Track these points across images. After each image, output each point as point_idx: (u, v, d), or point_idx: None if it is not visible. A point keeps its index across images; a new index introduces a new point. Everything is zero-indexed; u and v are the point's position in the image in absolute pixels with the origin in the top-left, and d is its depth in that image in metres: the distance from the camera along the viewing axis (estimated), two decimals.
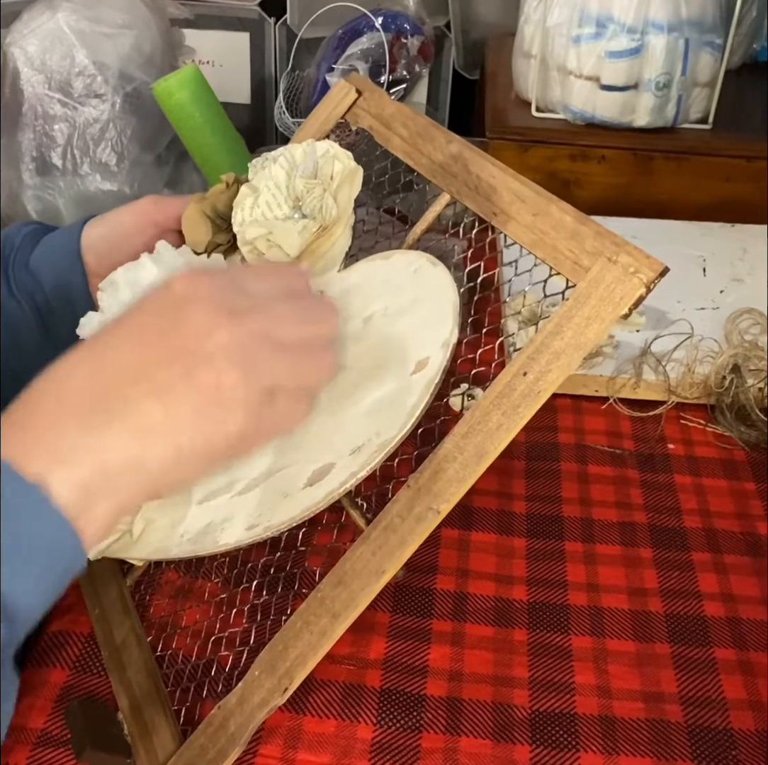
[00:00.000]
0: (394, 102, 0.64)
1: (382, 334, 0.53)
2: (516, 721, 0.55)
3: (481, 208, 0.55)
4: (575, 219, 0.51)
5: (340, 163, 0.59)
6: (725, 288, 0.96)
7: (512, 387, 0.50)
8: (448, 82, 1.80)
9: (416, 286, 0.53)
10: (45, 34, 1.36)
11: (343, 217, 0.60)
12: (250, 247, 0.60)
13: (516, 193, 0.54)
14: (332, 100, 0.68)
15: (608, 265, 0.48)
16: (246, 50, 1.77)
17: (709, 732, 0.55)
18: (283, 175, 0.60)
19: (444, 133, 0.60)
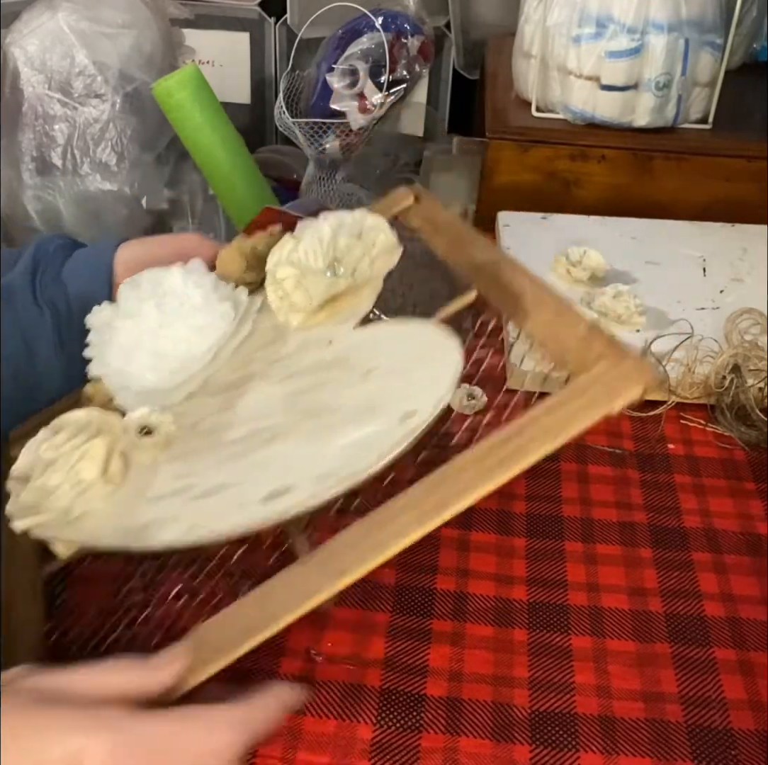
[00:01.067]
0: (446, 211, 0.66)
1: (380, 384, 0.53)
2: (516, 721, 0.55)
3: (501, 304, 0.58)
4: (591, 324, 0.52)
5: (384, 235, 0.61)
6: (725, 288, 0.96)
7: (490, 452, 0.49)
8: (448, 82, 1.80)
9: (425, 351, 0.54)
10: (45, 34, 1.36)
11: (372, 282, 0.61)
12: (277, 286, 0.61)
13: (545, 299, 0.56)
14: (391, 201, 0.70)
15: (610, 368, 0.49)
16: (246, 50, 1.77)
17: (709, 732, 0.55)
18: (329, 231, 0.61)
19: (494, 247, 0.63)
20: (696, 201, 1.20)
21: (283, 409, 0.55)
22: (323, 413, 0.53)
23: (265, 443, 0.53)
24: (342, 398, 0.53)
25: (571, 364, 0.52)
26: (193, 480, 0.53)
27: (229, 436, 0.55)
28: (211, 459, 0.54)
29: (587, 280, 0.94)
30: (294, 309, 0.61)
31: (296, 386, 0.56)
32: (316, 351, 0.58)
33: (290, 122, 1.50)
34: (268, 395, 0.57)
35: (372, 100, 1.48)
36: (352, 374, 0.54)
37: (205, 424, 0.58)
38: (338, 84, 1.49)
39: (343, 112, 1.50)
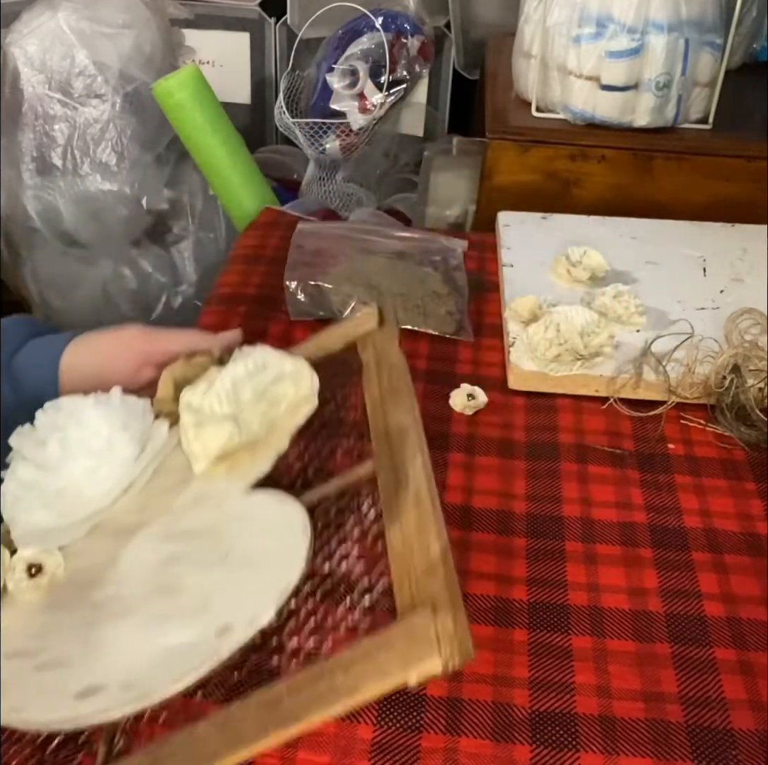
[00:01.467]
0: (399, 353, 0.64)
1: (227, 574, 0.52)
2: (516, 721, 0.55)
3: (386, 492, 0.54)
4: (441, 554, 0.48)
5: (294, 390, 0.59)
6: (725, 288, 0.96)
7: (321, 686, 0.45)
8: (448, 82, 1.80)
9: (280, 544, 0.52)
10: (45, 34, 1.36)
11: (272, 444, 0.59)
12: (183, 430, 0.60)
13: (418, 496, 0.52)
14: (358, 321, 0.69)
15: (427, 622, 0.43)
16: (246, 50, 1.78)
17: (709, 732, 0.55)
18: (242, 375, 0.61)
19: (413, 411, 0.58)
20: (696, 201, 1.20)
21: (149, 576, 0.54)
22: (173, 593, 0.52)
23: (113, 618, 0.52)
24: (195, 577, 0.53)
25: (404, 595, 0.47)
26: (44, 643, 0.53)
27: (95, 595, 0.55)
28: (68, 621, 0.54)
29: (587, 280, 0.94)
30: (195, 457, 0.60)
31: (171, 551, 0.55)
32: (204, 510, 0.58)
33: (290, 122, 1.50)
34: (144, 555, 0.56)
35: (372, 100, 1.48)
36: (215, 551, 0.54)
37: (86, 573, 0.57)
38: (338, 84, 1.49)
39: (343, 112, 1.50)
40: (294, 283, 0.92)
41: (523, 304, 0.89)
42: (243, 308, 0.94)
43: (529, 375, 0.82)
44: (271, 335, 0.90)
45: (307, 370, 0.61)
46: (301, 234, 1.02)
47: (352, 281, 0.92)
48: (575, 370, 0.81)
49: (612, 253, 0.98)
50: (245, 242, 1.09)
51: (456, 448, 0.77)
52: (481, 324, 0.93)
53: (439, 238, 1.05)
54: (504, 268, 0.99)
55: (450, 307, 0.92)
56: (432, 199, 1.39)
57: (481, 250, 1.07)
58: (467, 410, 0.81)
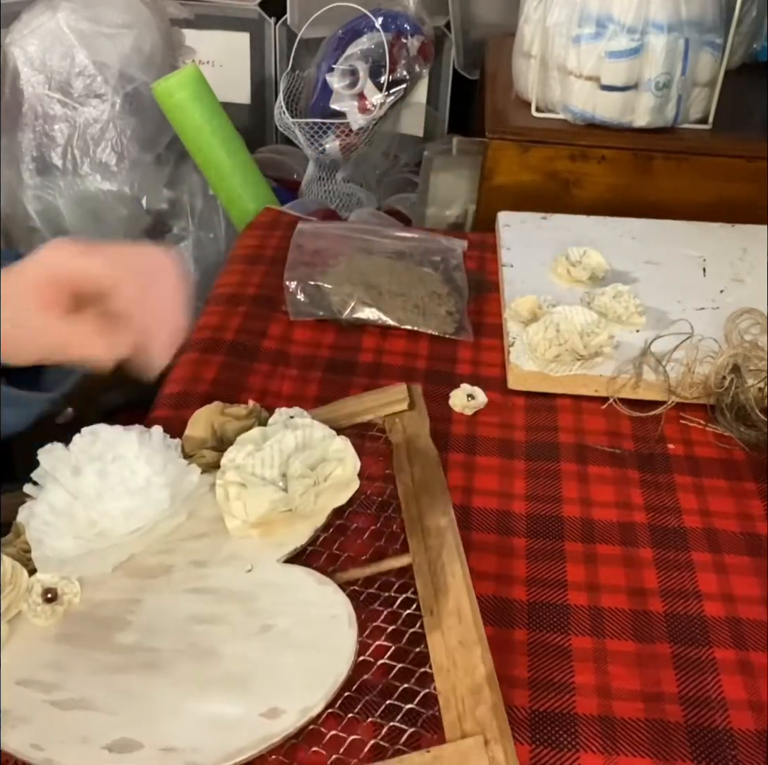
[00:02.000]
0: (430, 440, 0.64)
1: (269, 651, 0.52)
2: (516, 721, 0.55)
3: (424, 594, 0.54)
4: (487, 677, 0.49)
5: (341, 470, 0.59)
6: (725, 288, 0.96)
7: None
8: (448, 82, 1.80)
9: (325, 629, 0.52)
10: (45, 34, 1.36)
11: (313, 518, 0.59)
12: (223, 485, 0.60)
13: (460, 609, 0.53)
14: (386, 396, 0.68)
15: (480, 750, 0.46)
16: (246, 50, 1.78)
17: (709, 732, 0.55)
18: (291, 447, 0.61)
19: (448, 511, 0.60)
20: (696, 201, 1.20)
21: (176, 631, 0.54)
22: (207, 658, 0.52)
23: (142, 669, 0.52)
24: (231, 646, 0.52)
25: (451, 712, 0.49)
26: (60, 678, 0.52)
27: (117, 638, 0.54)
28: (88, 661, 0.53)
29: (587, 280, 0.94)
30: (232, 515, 0.60)
31: (200, 609, 0.55)
32: (234, 572, 0.57)
33: (290, 122, 1.50)
34: (169, 607, 0.56)
35: (372, 100, 1.48)
36: (251, 621, 0.53)
37: (107, 609, 0.57)
38: (338, 84, 1.49)
39: (343, 112, 1.50)
40: (294, 283, 0.92)
41: (523, 304, 0.89)
42: (243, 308, 0.94)
43: (529, 375, 0.82)
44: (271, 335, 0.90)
45: (351, 452, 0.61)
46: (300, 234, 1.02)
47: (352, 281, 0.92)
48: (575, 370, 0.81)
49: (612, 253, 0.98)
50: (245, 242, 1.09)
51: (456, 448, 0.77)
52: (481, 324, 0.93)
53: (439, 238, 1.05)
54: (504, 268, 0.99)
55: (450, 307, 0.92)
56: (432, 199, 1.39)
57: (481, 250, 1.07)
58: (467, 410, 0.81)
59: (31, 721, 0.50)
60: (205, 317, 0.93)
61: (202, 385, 0.82)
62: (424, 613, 0.52)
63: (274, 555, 0.58)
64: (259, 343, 0.89)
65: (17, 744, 0.49)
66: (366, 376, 0.85)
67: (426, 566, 0.55)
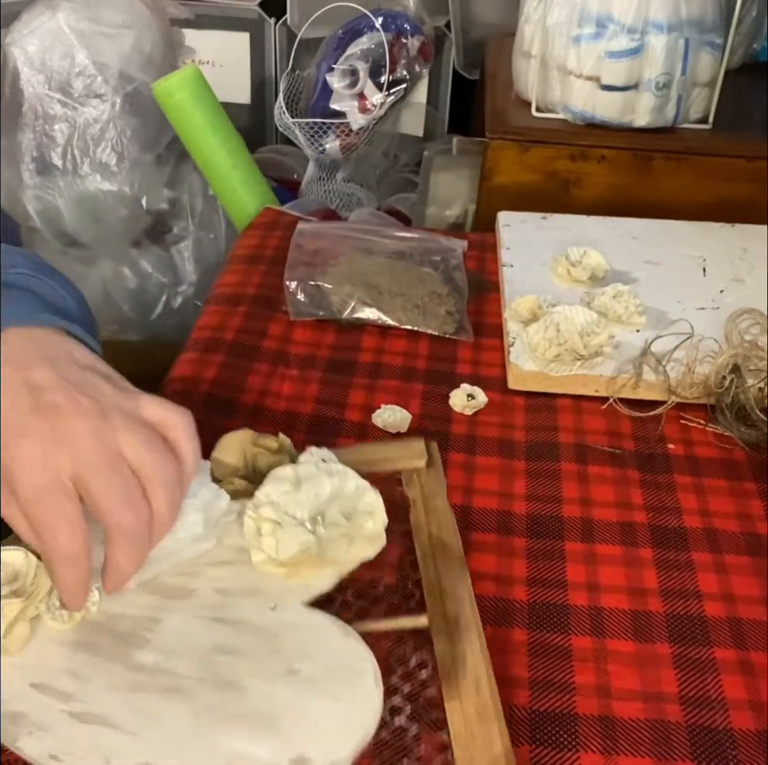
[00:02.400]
0: (446, 501, 0.63)
1: (296, 694, 0.51)
2: (516, 721, 0.55)
3: (443, 659, 0.54)
4: (505, 753, 0.49)
5: (372, 524, 0.59)
6: (725, 288, 0.96)
7: None
8: (448, 82, 1.80)
9: (352, 678, 0.52)
10: (45, 34, 1.36)
11: (341, 566, 0.59)
12: (255, 518, 0.59)
13: (478, 680, 0.52)
14: (405, 449, 0.68)
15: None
16: (246, 50, 1.78)
17: (709, 732, 0.55)
18: (327, 493, 0.60)
19: (465, 579, 0.59)
20: (696, 201, 1.20)
21: (198, 657, 0.54)
22: (230, 690, 0.51)
23: (163, 693, 0.52)
24: (256, 683, 0.52)
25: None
26: (78, 688, 0.52)
27: (136, 656, 0.54)
28: (107, 675, 0.53)
29: (587, 280, 0.94)
30: (259, 549, 0.59)
31: (221, 639, 0.55)
32: (258, 606, 0.57)
33: (290, 122, 1.50)
34: (191, 631, 0.55)
35: (372, 100, 1.48)
36: (276, 661, 0.53)
37: (125, 623, 0.56)
38: (338, 84, 1.49)
39: (343, 112, 1.50)
40: (294, 283, 0.92)
41: (523, 304, 0.89)
42: (243, 308, 0.94)
43: (529, 375, 0.82)
44: (271, 335, 0.90)
45: (382, 506, 0.60)
46: (300, 234, 1.02)
47: (352, 281, 0.92)
48: (575, 370, 0.81)
49: (612, 253, 0.98)
50: (245, 242, 1.09)
51: (456, 448, 0.77)
52: (481, 324, 0.93)
53: (439, 238, 1.05)
54: (504, 268, 0.99)
55: (450, 307, 0.92)
56: (432, 199, 1.39)
57: (481, 250, 1.07)
58: (467, 410, 0.81)
59: (49, 730, 0.50)
60: (205, 317, 0.93)
61: (202, 384, 0.82)
62: (442, 679, 0.53)
63: (298, 596, 0.57)
64: (259, 343, 0.89)
65: (34, 752, 0.48)
66: (366, 376, 0.85)
67: (444, 631, 0.56)
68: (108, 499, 0.49)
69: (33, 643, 0.54)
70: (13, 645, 0.54)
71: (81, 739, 0.49)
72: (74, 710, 0.51)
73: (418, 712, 0.53)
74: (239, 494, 0.62)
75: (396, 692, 0.53)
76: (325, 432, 0.78)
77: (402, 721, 0.53)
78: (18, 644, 0.54)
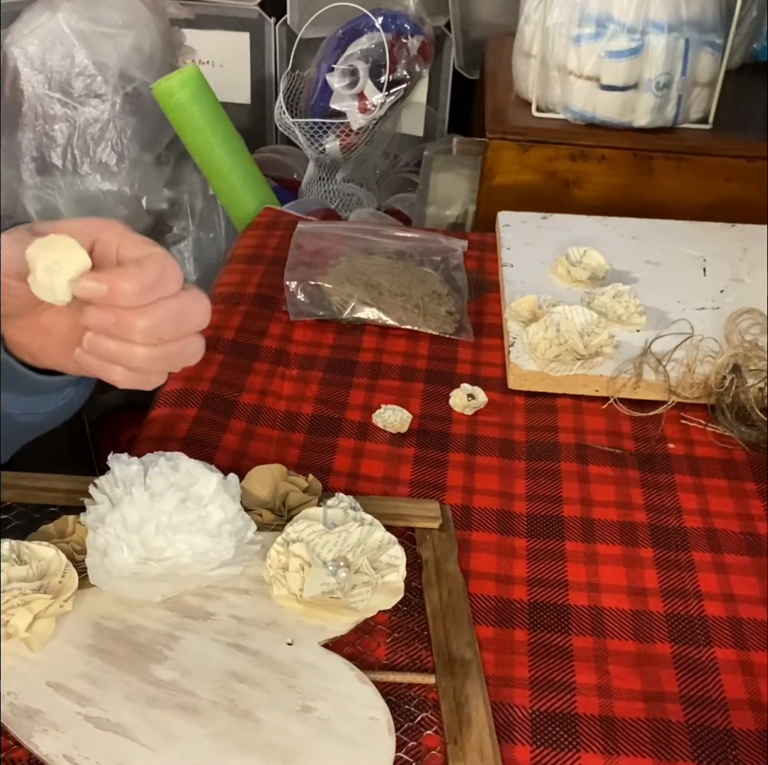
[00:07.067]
0: (457, 566, 0.65)
1: (310, 734, 0.52)
2: (516, 721, 0.55)
3: (449, 721, 0.54)
4: None
5: (395, 577, 0.60)
6: (725, 288, 0.96)
7: None
8: (448, 82, 1.80)
9: (367, 730, 0.52)
10: (45, 34, 1.36)
11: (359, 613, 0.59)
12: (284, 553, 0.60)
13: (482, 747, 0.53)
14: (421, 509, 0.68)
15: None
16: (246, 50, 1.77)
17: (709, 732, 0.55)
18: (354, 538, 0.61)
19: (473, 644, 0.59)
20: (696, 201, 1.20)
21: (214, 681, 0.54)
22: (246, 720, 0.52)
23: (180, 711, 0.52)
24: (271, 716, 0.52)
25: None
26: (95, 693, 0.52)
27: (154, 671, 0.54)
28: (124, 684, 0.53)
29: (587, 280, 0.94)
30: (282, 584, 0.59)
31: (238, 665, 0.55)
32: (275, 639, 0.57)
33: (290, 122, 1.50)
34: (208, 654, 0.56)
35: (372, 100, 1.48)
36: (291, 697, 0.53)
37: (143, 636, 0.56)
38: (338, 84, 1.49)
39: (343, 112, 1.50)
40: (294, 283, 0.92)
41: (523, 304, 0.89)
42: (243, 308, 0.94)
43: (529, 375, 0.82)
44: (271, 335, 0.90)
45: (404, 561, 0.61)
46: (300, 234, 1.02)
47: (352, 281, 0.92)
48: (575, 370, 0.81)
49: (612, 253, 0.98)
50: (245, 242, 1.10)
51: (456, 448, 0.77)
52: (481, 324, 0.93)
53: (439, 238, 1.05)
54: (504, 268, 0.99)
55: (450, 307, 0.92)
56: (432, 199, 1.39)
57: (481, 250, 1.07)
58: (467, 410, 0.81)
59: (65, 730, 0.50)
60: None
61: (202, 383, 0.82)
62: (448, 741, 0.53)
63: (315, 636, 0.58)
64: (259, 342, 0.89)
65: (49, 750, 0.49)
66: (366, 376, 0.85)
67: (451, 693, 0.56)
68: None
69: (51, 643, 0.55)
70: (36, 641, 0.54)
71: (97, 744, 0.50)
72: (90, 714, 0.51)
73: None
74: (265, 526, 0.63)
75: (401, 747, 0.53)
76: (325, 432, 0.78)
77: None
78: (40, 640, 0.54)
